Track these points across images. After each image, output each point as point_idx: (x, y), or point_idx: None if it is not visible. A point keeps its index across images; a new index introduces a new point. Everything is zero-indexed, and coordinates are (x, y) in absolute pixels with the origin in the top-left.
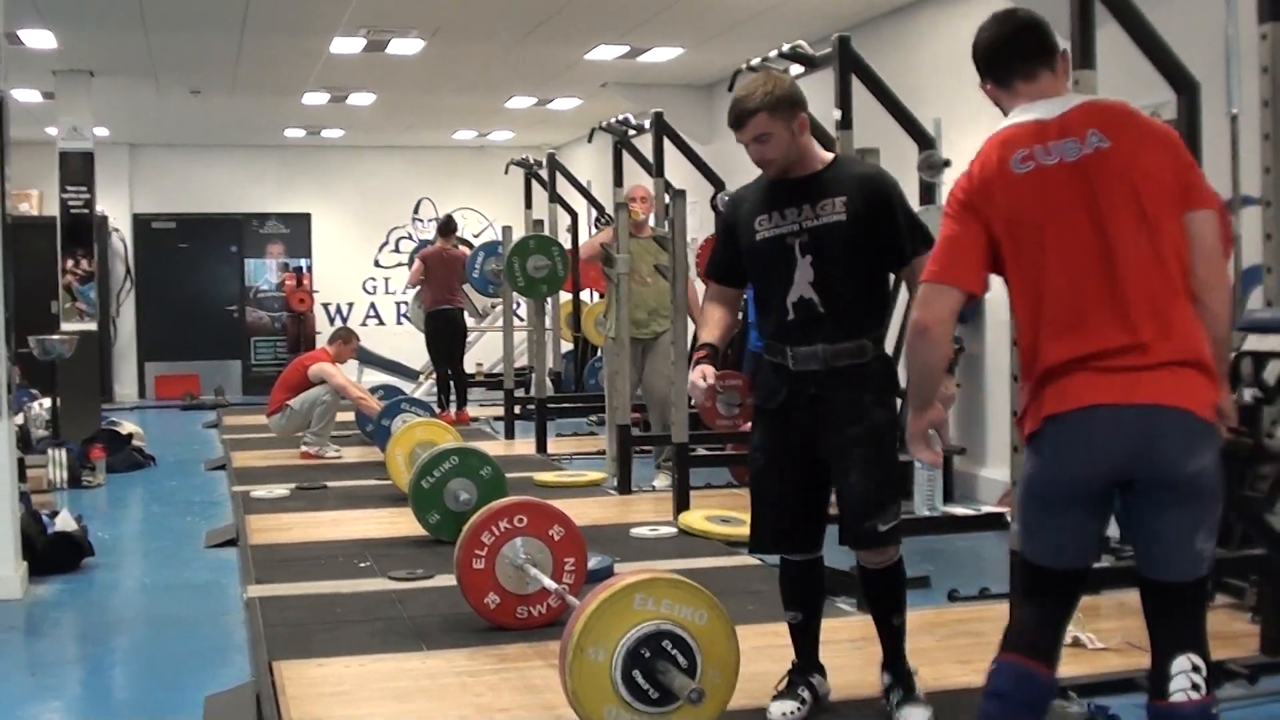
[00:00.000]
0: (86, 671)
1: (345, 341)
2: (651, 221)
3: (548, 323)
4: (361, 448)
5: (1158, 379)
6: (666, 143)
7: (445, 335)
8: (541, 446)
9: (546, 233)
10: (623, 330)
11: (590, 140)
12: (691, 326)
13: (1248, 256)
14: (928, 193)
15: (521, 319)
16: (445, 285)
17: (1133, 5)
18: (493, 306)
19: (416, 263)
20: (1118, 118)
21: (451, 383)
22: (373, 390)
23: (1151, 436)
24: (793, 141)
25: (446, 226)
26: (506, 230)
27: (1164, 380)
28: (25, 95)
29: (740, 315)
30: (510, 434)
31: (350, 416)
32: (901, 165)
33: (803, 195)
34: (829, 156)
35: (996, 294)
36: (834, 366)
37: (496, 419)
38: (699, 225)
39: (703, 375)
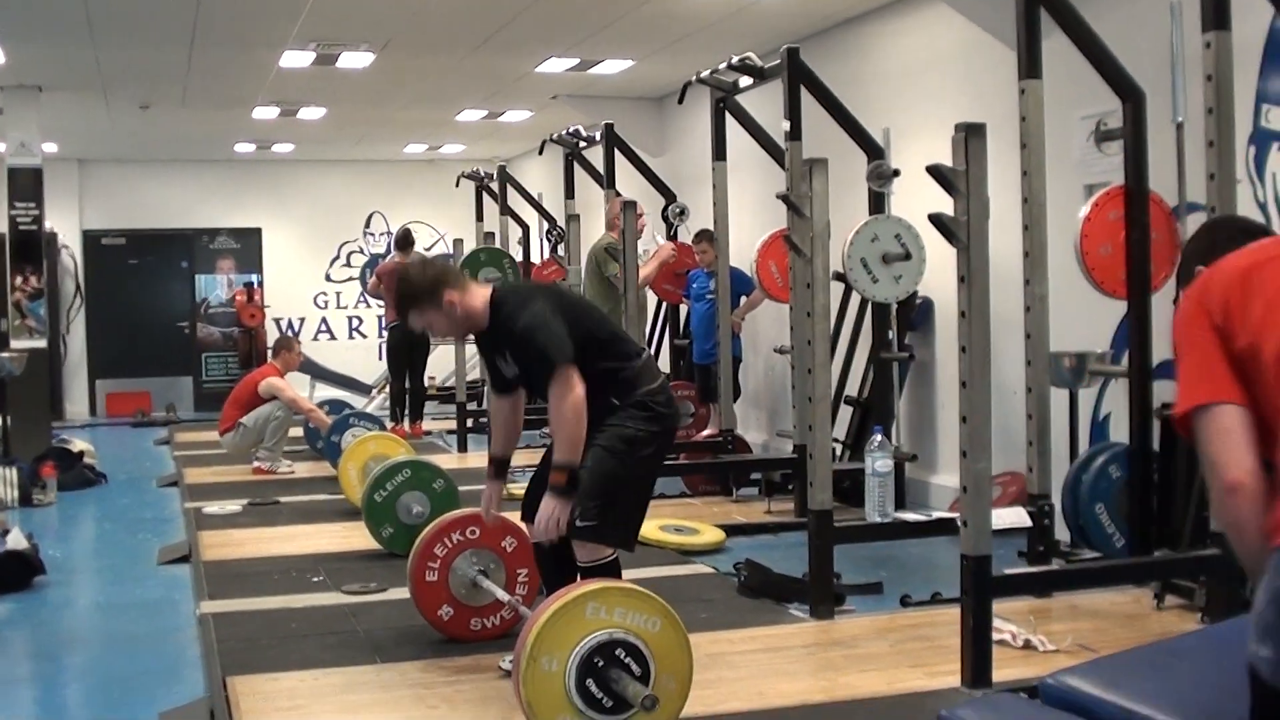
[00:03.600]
0: (39, 690)
1: (288, 350)
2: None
3: None
4: (313, 463)
5: None
6: (617, 155)
7: (404, 348)
8: None
9: (498, 245)
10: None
11: (541, 153)
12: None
13: None
14: (877, 203)
15: None
16: None
17: (1079, 15)
18: None
19: (373, 278)
20: None
21: (407, 396)
22: (319, 405)
23: None
24: (454, 318)
25: (404, 240)
26: (458, 243)
27: None
28: None
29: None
30: (463, 447)
31: (301, 432)
32: (851, 176)
33: (496, 347)
34: (487, 303)
35: (945, 299)
36: None
37: (449, 432)
38: (650, 236)
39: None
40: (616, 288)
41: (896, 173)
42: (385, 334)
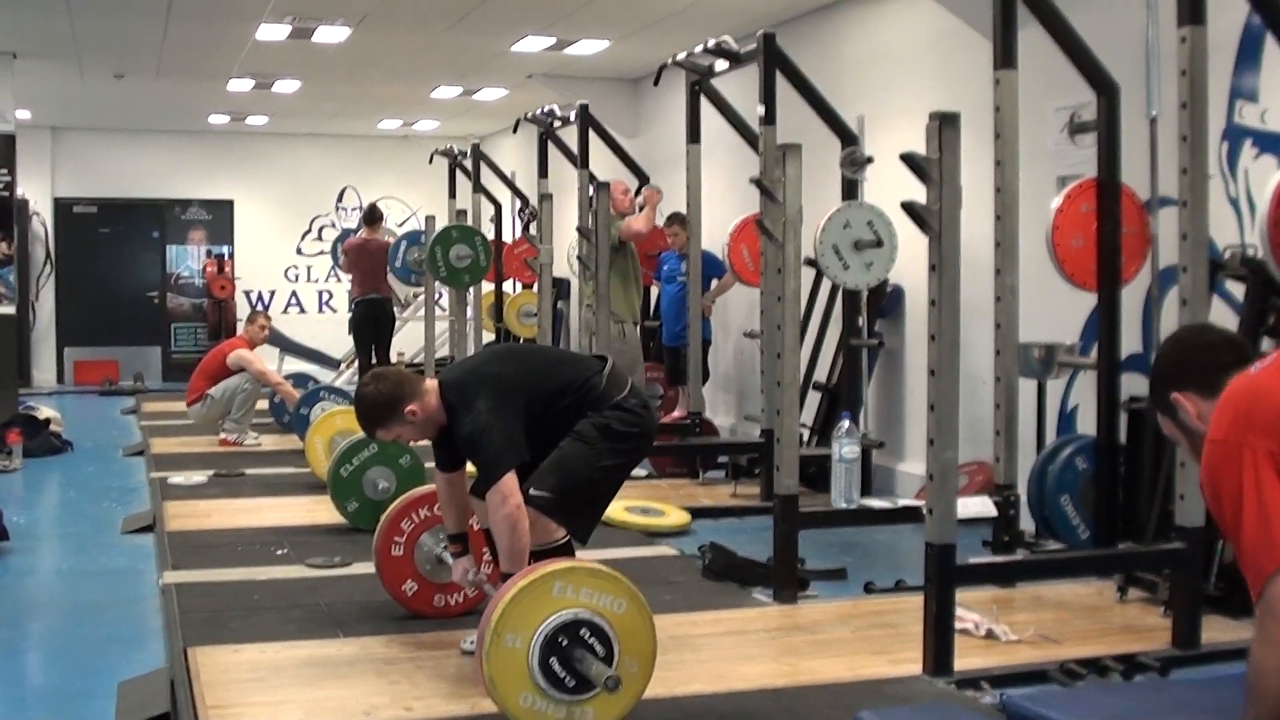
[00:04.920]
0: (1, 656)
1: (253, 323)
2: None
3: (469, 313)
4: (279, 436)
5: None
6: (592, 135)
7: (369, 324)
8: None
9: (470, 223)
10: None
11: (515, 131)
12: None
13: (1165, 257)
14: (850, 189)
15: (443, 309)
16: (371, 274)
17: (1054, 7)
18: (415, 296)
19: (343, 256)
20: None
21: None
22: (286, 378)
23: None
24: (418, 424)
25: (371, 216)
26: (430, 220)
27: None
28: None
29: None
30: None
31: (267, 405)
32: (824, 162)
33: (448, 440)
34: (439, 399)
35: (916, 287)
36: None
37: None
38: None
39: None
40: (622, 251)
41: (870, 159)
42: (352, 309)
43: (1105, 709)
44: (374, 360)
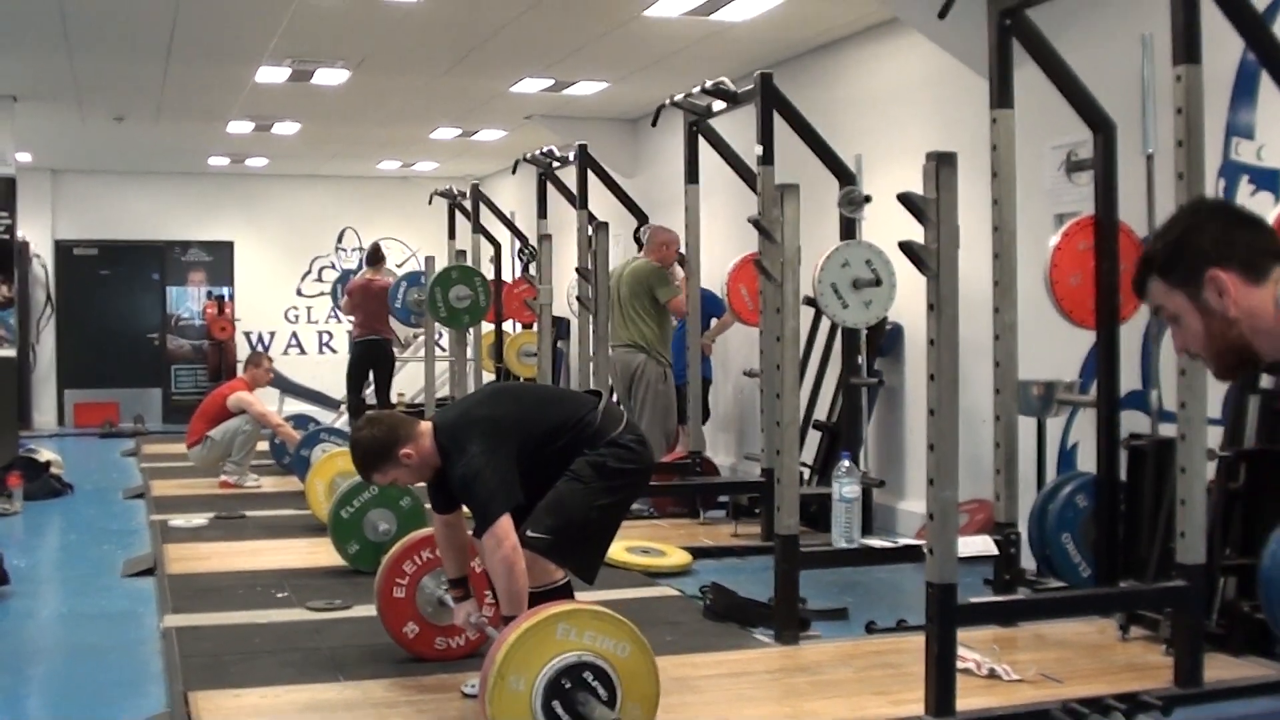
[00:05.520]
0: (0, 701)
1: (257, 366)
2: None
3: (470, 353)
4: (280, 477)
5: None
6: (590, 175)
7: (365, 364)
8: None
9: (470, 263)
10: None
11: (514, 172)
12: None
13: None
14: (848, 228)
15: (443, 349)
16: (373, 315)
17: (1050, 46)
18: (415, 336)
19: (345, 296)
20: None
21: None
22: (286, 420)
23: None
24: (413, 467)
25: (374, 256)
26: (429, 260)
27: None
28: None
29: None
30: None
31: (267, 446)
32: (822, 201)
33: (444, 483)
34: (433, 441)
35: (915, 325)
36: None
37: None
38: (621, 258)
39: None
40: (664, 308)
41: (868, 199)
42: (352, 348)
43: None
44: (370, 402)
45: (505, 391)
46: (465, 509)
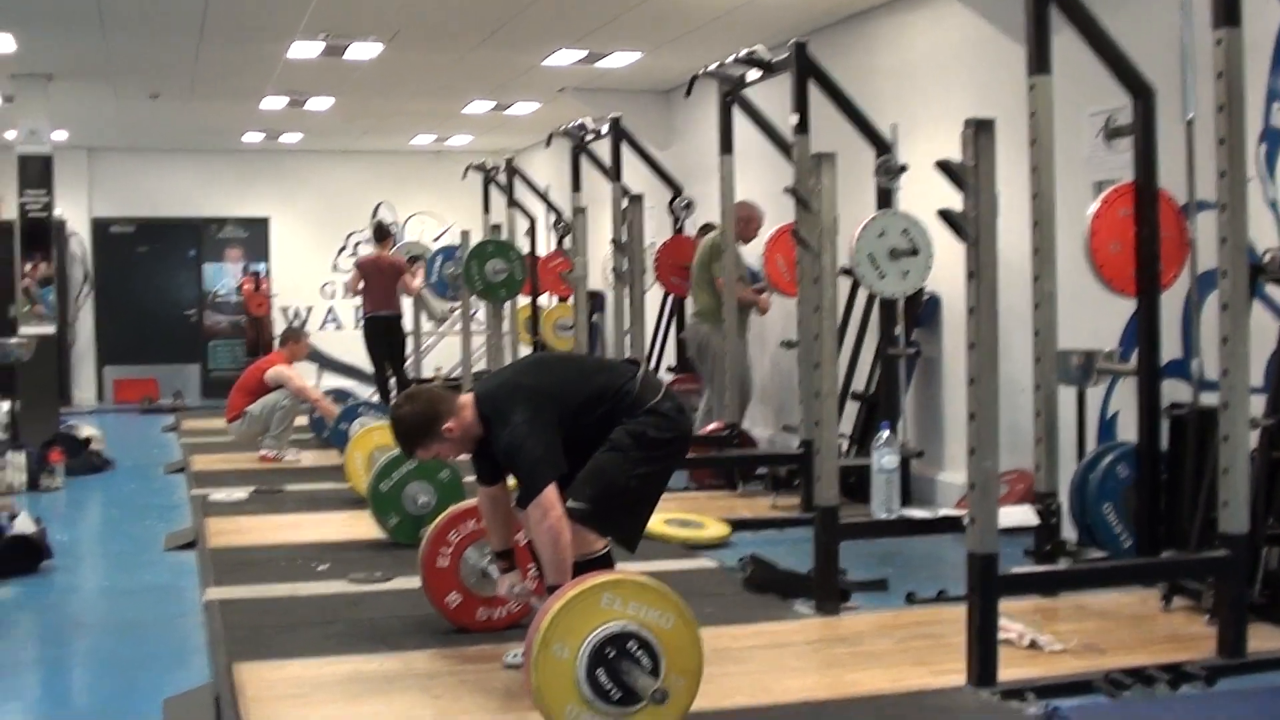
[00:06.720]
0: (45, 674)
1: (296, 341)
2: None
3: (505, 326)
4: (319, 451)
5: None
6: (624, 147)
7: (381, 340)
8: None
9: (504, 237)
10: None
11: (548, 145)
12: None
13: (1203, 261)
14: (885, 198)
15: (480, 323)
16: (382, 291)
17: (1088, 11)
18: (451, 310)
19: (354, 271)
20: None
21: (396, 387)
22: (324, 394)
23: None
24: (456, 440)
25: (380, 232)
26: (465, 235)
27: None
28: None
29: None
30: None
31: (307, 420)
32: (859, 170)
33: (487, 453)
34: (475, 412)
35: (953, 295)
36: None
37: None
38: (656, 230)
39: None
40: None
41: (904, 168)
42: (361, 325)
43: None
44: (395, 376)
45: (545, 361)
46: (509, 482)
